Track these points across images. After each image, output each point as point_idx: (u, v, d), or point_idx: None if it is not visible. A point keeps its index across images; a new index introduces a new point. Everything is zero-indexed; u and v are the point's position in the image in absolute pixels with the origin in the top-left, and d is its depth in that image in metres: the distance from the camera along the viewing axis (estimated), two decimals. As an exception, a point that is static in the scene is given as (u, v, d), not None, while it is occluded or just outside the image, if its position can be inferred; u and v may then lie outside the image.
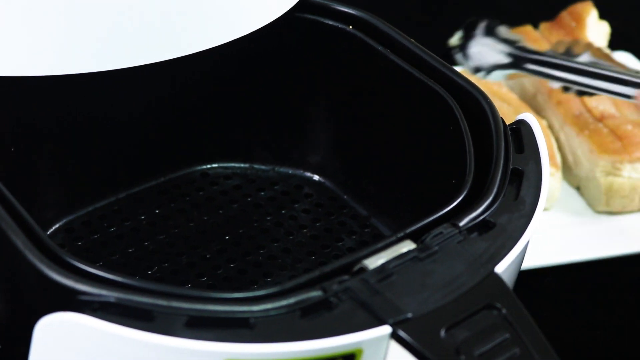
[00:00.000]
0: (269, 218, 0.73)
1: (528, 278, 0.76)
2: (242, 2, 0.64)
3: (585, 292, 0.80)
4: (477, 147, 0.61)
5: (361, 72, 0.70)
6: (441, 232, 0.55)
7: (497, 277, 0.52)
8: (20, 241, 0.51)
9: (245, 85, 0.74)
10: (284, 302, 0.50)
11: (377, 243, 0.54)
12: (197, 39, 0.63)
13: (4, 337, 0.57)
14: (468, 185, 0.58)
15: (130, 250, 0.70)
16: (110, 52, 0.60)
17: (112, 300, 0.49)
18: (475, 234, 0.55)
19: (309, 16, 0.71)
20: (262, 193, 0.76)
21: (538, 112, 0.92)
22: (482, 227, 0.56)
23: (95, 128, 0.72)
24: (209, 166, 0.77)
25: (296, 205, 0.75)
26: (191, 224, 0.73)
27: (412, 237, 0.55)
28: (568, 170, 0.88)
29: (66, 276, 0.50)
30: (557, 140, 0.89)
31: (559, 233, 0.83)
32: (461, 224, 0.55)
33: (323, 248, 0.71)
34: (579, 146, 0.87)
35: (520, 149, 0.61)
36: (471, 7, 1.17)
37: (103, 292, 0.49)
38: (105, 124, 0.72)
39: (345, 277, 0.52)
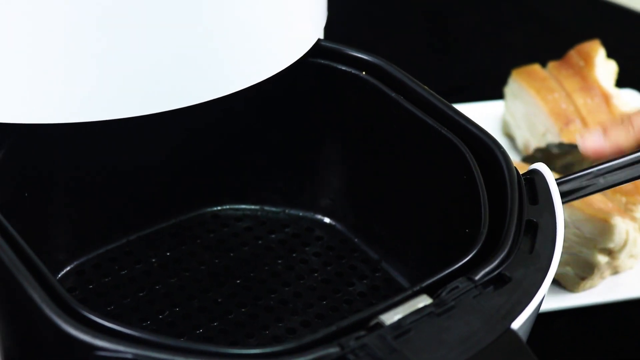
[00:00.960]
0: (279, 261, 0.74)
1: (537, 322, 0.76)
2: (256, 50, 0.64)
3: (597, 337, 0.80)
4: (490, 197, 0.62)
5: (374, 118, 0.70)
6: (457, 287, 0.55)
7: (513, 334, 0.52)
8: (37, 295, 0.51)
9: (257, 128, 0.75)
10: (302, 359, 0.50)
11: (393, 297, 0.54)
12: (213, 86, 0.63)
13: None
14: (483, 238, 0.58)
15: (142, 294, 0.70)
16: (127, 100, 0.60)
17: (129, 357, 0.49)
18: (490, 288, 0.55)
19: (322, 61, 0.71)
20: (273, 235, 0.76)
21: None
22: (498, 281, 0.56)
23: (106, 170, 0.72)
24: (219, 208, 0.77)
25: (307, 248, 0.75)
26: (202, 267, 0.73)
27: (428, 291, 0.55)
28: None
29: (83, 331, 0.50)
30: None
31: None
32: (477, 277, 0.55)
33: (334, 292, 0.71)
34: (589, 187, 0.87)
35: (534, 200, 0.61)
36: (480, 46, 1.17)
37: (120, 347, 0.49)
38: (116, 166, 0.72)
39: (362, 332, 0.52)
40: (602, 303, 0.81)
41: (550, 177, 0.62)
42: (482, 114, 0.97)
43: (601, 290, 0.82)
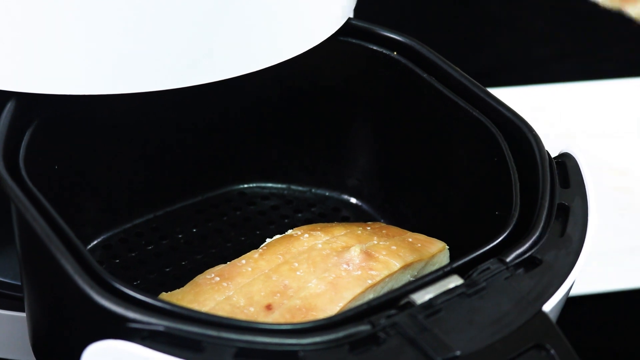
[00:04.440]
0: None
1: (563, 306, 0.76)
2: (285, 27, 0.64)
3: (623, 322, 0.80)
4: (521, 180, 0.61)
5: (404, 99, 0.70)
6: (488, 268, 0.55)
7: (545, 316, 0.52)
8: (69, 266, 0.51)
9: (286, 106, 0.74)
10: (332, 336, 0.50)
11: (424, 277, 0.54)
12: (242, 62, 0.63)
13: (52, 362, 0.57)
14: (514, 220, 0.58)
15: (168, 269, 0.70)
16: (162, 73, 0.60)
17: (161, 329, 0.49)
18: (521, 271, 0.55)
19: (353, 40, 0.70)
20: (300, 214, 0.76)
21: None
22: (529, 263, 0.55)
23: (134, 146, 0.72)
24: (246, 185, 0.77)
25: (333, 228, 0.74)
26: (228, 244, 0.73)
27: (459, 271, 0.55)
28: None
29: (116, 303, 0.50)
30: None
31: (596, 260, 0.82)
32: (508, 259, 0.55)
33: (360, 273, 0.71)
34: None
35: (565, 183, 0.61)
36: (505, 31, 1.16)
37: (152, 320, 0.49)
38: (145, 142, 0.72)
39: (393, 311, 0.52)
40: (629, 289, 0.81)
41: (582, 160, 0.62)
42: (507, 99, 0.97)
43: (628, 277, 0.82)
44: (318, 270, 0.61)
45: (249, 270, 0.62)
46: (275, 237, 0.66)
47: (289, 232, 0.66)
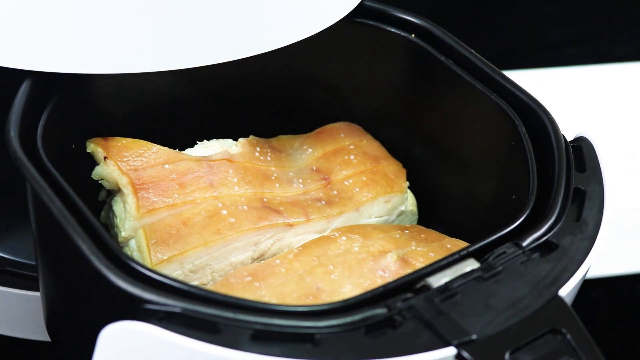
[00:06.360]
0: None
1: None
2: (300, 7, 0.64)
3: (634, 305, 0.80)
4: (537, 164, 0.61)
5: (421, 81, 0.70)
6: (504, 252, 0.55)
7: (561, 301, 0.52)
8: (86, 246, 0.51)
9: (301, 89, 0.74)
10: (349, 319, 0.50)
11: (440, 260, 0.54)
12: (256, 43, 0.63)
13: (67, 343, 0.57)
14: (531, 205, 0.58)
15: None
16: (182, 51, 0.60)
17: (177, 310, 0.49)
18: (537, 255, 0.55)
19: (370, 22, 0.70)
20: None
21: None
22: (545, 248, 0.55)
23: (152, 124, 0.72)
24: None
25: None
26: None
27: (475, 255, 0.55)
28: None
29: (132, 284, 0.50)
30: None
31: (611, 243, 0.82)
32: (524, 244, 0.55)
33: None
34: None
35: (581, 167, 0.61)
36: (516, 15, 1.16)
37: (169, 301, 0.49)
38: (162, 120, 0.72)
39: (409, 294, 0.52)
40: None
41: (598, 144, 0.62)
42: (520, 83, 0.96)
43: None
44: (353, 275, 0.60)
45: (282, 271, 0.60)
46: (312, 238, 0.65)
47: (327, 232, 0.65)
